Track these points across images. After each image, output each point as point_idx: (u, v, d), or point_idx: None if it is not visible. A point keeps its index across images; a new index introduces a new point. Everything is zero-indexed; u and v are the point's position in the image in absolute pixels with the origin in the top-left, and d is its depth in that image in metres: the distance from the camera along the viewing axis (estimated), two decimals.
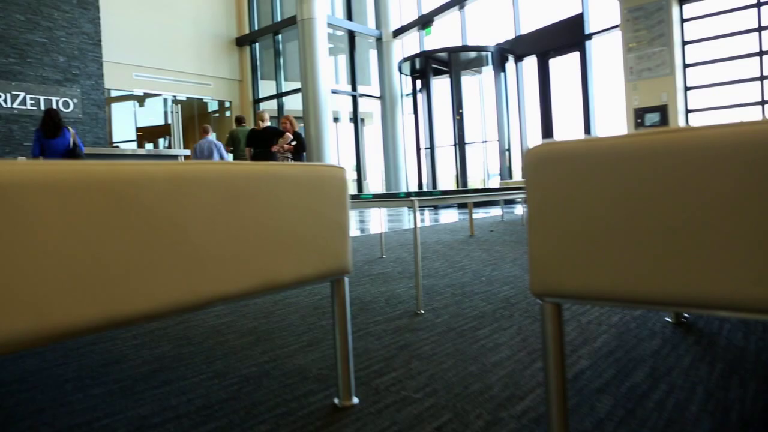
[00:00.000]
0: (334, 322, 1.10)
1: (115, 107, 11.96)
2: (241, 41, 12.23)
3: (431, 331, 1.63)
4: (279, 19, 11.96)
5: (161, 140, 16.24)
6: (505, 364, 1.31)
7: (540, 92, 9.13)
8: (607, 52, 8.53)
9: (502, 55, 9.28)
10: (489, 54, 9.27)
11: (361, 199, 2.09)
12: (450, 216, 7.76)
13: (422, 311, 1.87)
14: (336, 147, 10.75)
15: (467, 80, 9.95)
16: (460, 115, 9.26)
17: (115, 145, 11.75)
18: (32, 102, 8.86)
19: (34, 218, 0.64)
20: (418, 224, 1.91)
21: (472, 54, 9.45)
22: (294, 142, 7.51)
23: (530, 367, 1.28)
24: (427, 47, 11.39)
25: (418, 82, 10.47)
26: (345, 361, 1.10)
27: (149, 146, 16.33)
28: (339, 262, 1.05)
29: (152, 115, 13.98)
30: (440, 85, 9.83)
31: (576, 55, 8.69)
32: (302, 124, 11.75)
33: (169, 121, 12.73)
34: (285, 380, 1.26)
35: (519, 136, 9.51)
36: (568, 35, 8.65)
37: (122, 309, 0.72)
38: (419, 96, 10.47)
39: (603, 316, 1.68)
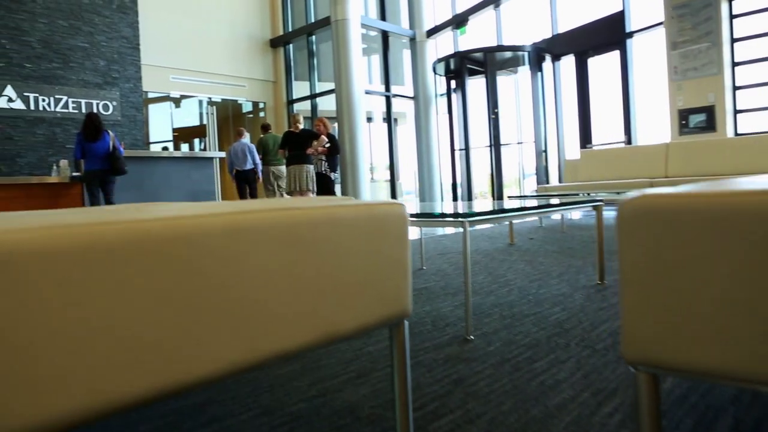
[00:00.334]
0: (393, 371, 1.03)
1: (152, 108, 12.16)
2: (275, 42, 12.30)
3: (484, 362, 1.55)
4: (313, 20, 11.98)
5: (196, 141, 16.50)
6: (569, 407, 1.22)
7: (578, 92, 8.91)
8: (649, 51, 8.28)
9: (539, 54, 9.10)
10: (525, 54, 9.09)
11: (415, 216, 2.03)
12: (478, 203, 7.59)
13: (472, 336, 1.79)
14: (369, 147, 10.71)
15: (503, 80, 9.79)
16: (495, 114, 9.10)
17: (151, 144, 11.93)
18: (74, 105, 9.05)
19: (78, 286, 0.59)
20: (462, 237, 1.83)
21: (508, 54, 9.28)
22: (328, 144, 7.50)
23: (598, 413, 1.19)
24: (462, 47, 11.25)
25: (453, 83, 10.36)
26: (404, 409, 1.04)
27: (185, 147, 16.60)
28: (400, 305, 0.99)
29: (188, 115, 14.17)
30: (475, 85, 9.69)
31: (616, 54, 8.45)
32: (336, 124, 11.76)
33: (205, 122, 12.88)
34: (336, 420, 1.21)
35: (556, 137, 9.31)
36: (608, 34, 8.42)
37: (176, 377, 0.66)
38: (454, 96, 10.36)
39: None
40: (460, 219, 1.77)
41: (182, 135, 14.84)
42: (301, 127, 7.32)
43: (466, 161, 9.37)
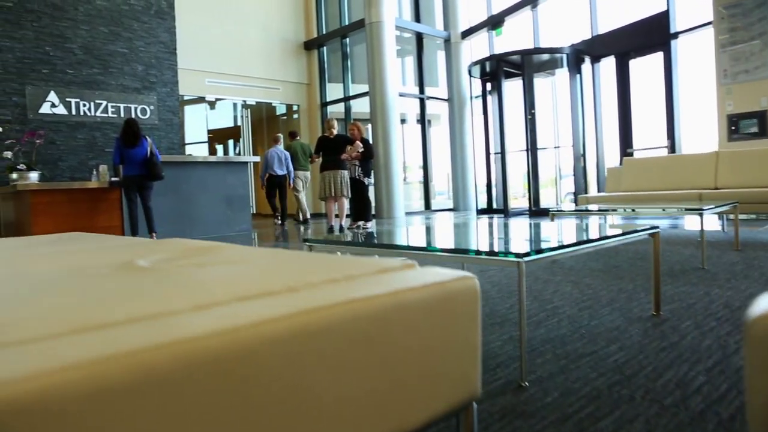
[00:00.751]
0: None
1: (188, 110, 12.32)
2: (309, 45, 12.30)
3: (544, 418, 1.46)
4: (347, 23, 11.94)
5: (230, 142, 16.70)
6: None
7: (618, 95, 8.66)
8: (696, 53, 7.98)
9: (578, 56, 8.87)
10: (564, 56, 8.87)
11: (453, 252, 1.94)
12: (522, 225, 7.43)
13: (526, 383, 1.70)
14: (402, 149, 10.63)
15: (539, 82, 9.58)
16: (532, 114, 8.90)
17: (187, 146, 12.06)
18: (113, 110, 9.21)
19: (134, 424, 0.53)
20: (518, 280, 1.72)
21: (546, 56, 9.08)
22: (362, 149, 7.45)
23: None
24: (498, 48, 11.07)
25: (488, 85, 10.19)
26: None
27: (219, 148, 16.82)
28: (470, 388, 0.91)
29: (223, 117, 14.34)
30: (511, 87, 9.51)
31: (659, 55, 8.18)
32: (369, 125, 11.70)
33: (239, 123, 12.98)
34: None
35: (594, 141, 9.07)
36: (651, 34, 8.15)
37: None
38: (489, 99, 10.19)
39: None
40: (515, 260, 1.65)
41: (217, 136, 15.05)
42: (335, 132, 7.27)
43: (502, 165, 9.20)
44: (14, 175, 6.54)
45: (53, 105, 8.62)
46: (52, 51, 8.62)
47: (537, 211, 8.84)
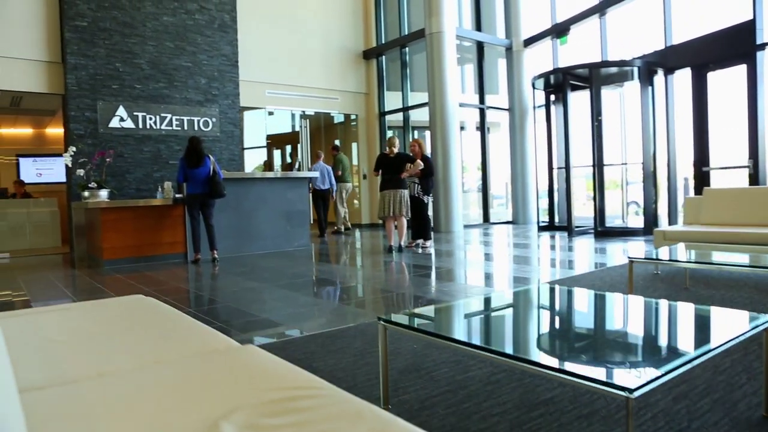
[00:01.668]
0: None
1: (247, 115, 12.48)
2: (368, 54, 12.25)
3: None
4: (406, 32, 11.81)
5: (288, 147, 16.89)
6: None
7: (694, 110, 8.16)
8: None
9: (650, 68, 8.41)
10: (635, 68, 8.44)
11: (544, 368, 1.78)
12: (586, 244, 7.12)
13: None
14: (461, 158, 10.40)
15: (607, 93, 9.16)
16: (599, 121, 8.49)
17: (246, 150, 12.22)
18: (177, 123, 9.43)
19: None
20: (626, 419, 1.54)
21: (615, 68, 8.67)
22: (422, 167, 7.31)
23: None
24: (562, 57, 10.68)
25: (552, 96, 9.84)
26: None
27: (277, 153, 17.05)
28: None
29: (281, 122, 14.47)
30: (577, 99, 9.13)
31: (742, 68, 7.64)
32: (427, 132, 11.53)
33: (297, 129, 13.05)
34: None
35: (666, 158, 8.59)
36: (734, 45, 7.63)
37: None
38: (553, 111, 9.84)
39: None
40: (622, 393, 1.42)
41: (275, 141, 15.22)
42: (396, 150, 7.16)
43: (566, 181, 8.85)
44: (86, 193, 6.76)
45: (122, 119, 8.90)
46: (122, 67, 8.89)
47: (603, 232, 8.45)
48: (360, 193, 12.58)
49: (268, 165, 15.08)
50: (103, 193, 6.89)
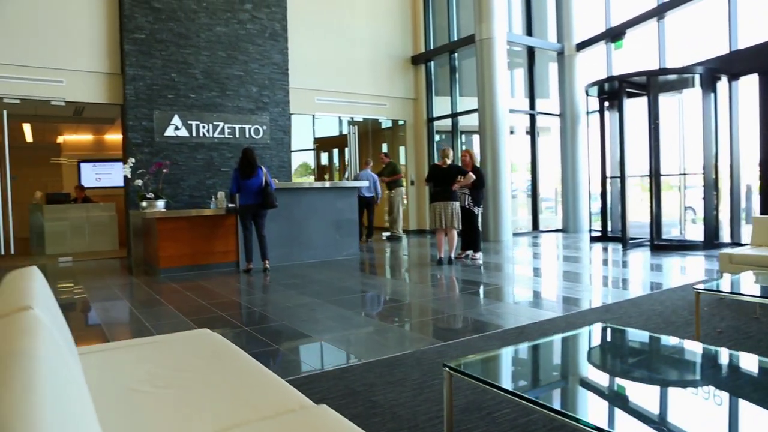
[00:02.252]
0: None
1: (295, 119, 12.60)
2: (417, 60, 12.20)
3: None
4: (455, 38, 11.70)
5: (335, 151, 17.02)
6: None
7: (761, 118, 7.78)
8: None
9: (713, 74, 8.07)
10: (696, 75, 8.11)
11: None
12: (641, 259, 6.87)
13: None
14: (510, 164, 10.21)
15: (664, 100, 8.83)
16: (656, 125, 8.18)
17: (293, 152, 12.37)
18: (229, 131, 9.61)
19: None
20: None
21: (674, 75, 8.35)
22: (474, 179, 7.23)
23: None
24: (616, 61, 10.38)
25: (606, 103, 9.56)
26: None
27: (324, 156, 17.20)
28: None
29: (329, 126, 14.55)
30: (632, 106, 8.84)
31: None
32: (476, 136, 11.41)
33: (344, 132, 13.11)
34: None
35: (729, 169, 8.22)
36: None
37: None
38: (607, 117, 9.56)
39: None
40: None
41: (322, 144, 15.37)
42: (449, 161, 7.10)
43: (621, 191, 8.59)
44: (144, 203, 6.97)
45: (176, 128, 9.13)
46: (177, 77, 9.12)
47: (660, 245, 8.15)
48: (408, 199, 12.54)
49: (323, 170, 15.23)
50: (160, 203, 7.09)
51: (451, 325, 4.15)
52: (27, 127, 12.01)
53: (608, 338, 2.61)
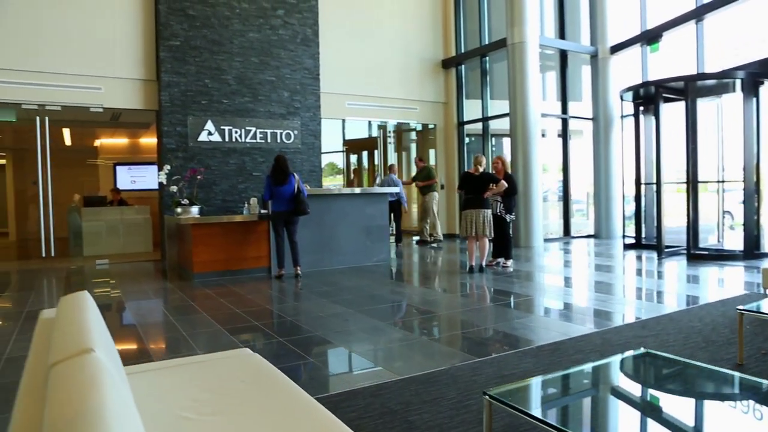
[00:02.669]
0: None
1: (324, 121, 12.68)
2: (447, 63, 12.15)
3: None
4: (487, 42, 11.62)
5: (364, 153, 17.06)
6: None
7: None
8: None
9: (755, 79, 7.84)
10: (737, 80, 7.89)
11: None
12: (677, 269, 6.72)
13: None
14: (541, 168, 10.08)
15: (702, 105, 8.61)
16: (694, 131, 7.98)
17: (323, 154, 12.44)
18: (261, 136, 9.72)
19: None
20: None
21: (713, 80, 8.14)
22: (506, 186, 7.17)
23: None
24: (652, 64, 10.17)
25: (641, 108, 9.37)
26: None
27: (353, 158, 17.26)
28: None
29: (358, 128, 14.60)
30: (668, 111, 8.64)
31: None
32: (506, 139, 11.32)
33: (374, 135, 13.14)
34: None
35: None
36: None
37: None
38: (642, 123, 9.37)
39: None
40: None
41: (351, 147, 15.43)
42: (482, 169, 7.05)
43: (657, 198, 8.41)
44: (179, 209, 7.09)
45: (209, 133, 9.28)
46: (210, 83, 9.27)
47: (696, 255, 7.95)
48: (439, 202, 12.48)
49: (355, 173, 15.27)
50: (194, 209, 7.21)
51: (484, 339, 4.12)
52: (66, 132, 12.34)
53: (652, 367, 2.55)
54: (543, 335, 4.12)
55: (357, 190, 8.53)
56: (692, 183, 8.10)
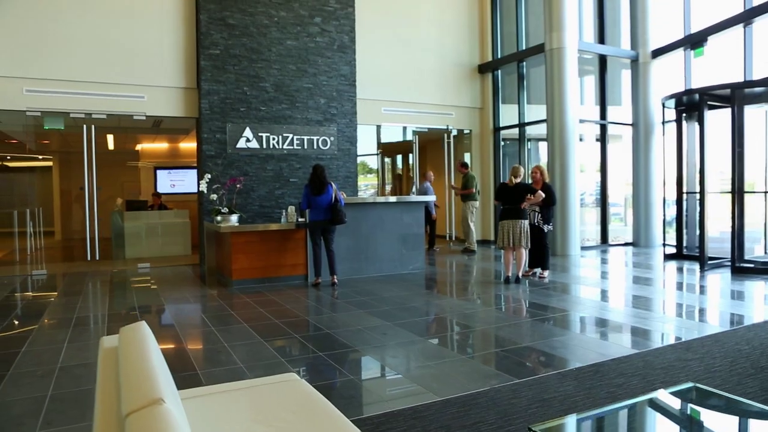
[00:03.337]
0: None
1: (360, 127, 12.74)
2: (483, 68, 12.08)
3: None
4: (524, 47, 11.50)
5: (399, 157, 17.09)
6: None
7: None
8: None
9: None
10: None
11: None
12: (721, 284, 6.55)
13: None
14: (578, 173, 9.93)
15: (749, 112, 8.35)
16: (741, 138, 7.75)
17: (358, 157, 12.48)
18: (298, 142, 9.84)
19: None
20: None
21: (762, 87, 7.89)
22: (543, 197, 7.10)
23: None
24: (695, 69, 9.91)
25: (683, 115, 9.15)
26: None
27: (387, 160, 17.27)
28: None
29: (393, 131, 14.60)
30: (712, 118, 8.42)
31: None
32: (542, 143, 11.19)
33: (409, 138, 13.11)
34: None
35: None
36: None
37: None
38: (684, 128, 9.15)
39: None
40: None
41: (386, 150, 15.45)
42: (519, 180, 7.01)
43: (701, 210, 8.20)
44: (218, 218, 7.24)
45: (248, 140, 9.43)
46: (249, 90, 9.42)
47: (742, 268, 7.73)
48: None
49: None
50: (234, 218, 7.35)
51: (523, 359, 4.10)
52: (110, 137, 12.72)
53: (703, 406, 2.50)
54: (582, 355, 4.08)
55: (392, 199, 8.55)
56: (738, 192, 7.88)
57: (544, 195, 7.01)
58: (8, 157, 15.09)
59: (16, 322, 5.46)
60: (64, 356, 4.19)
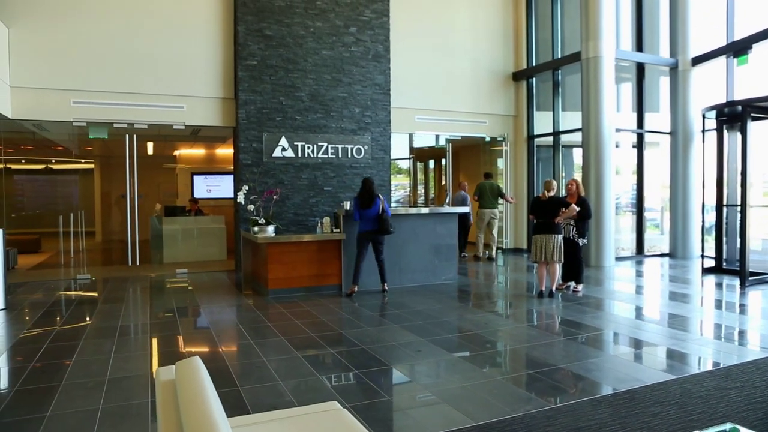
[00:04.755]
0: None
1: (393, 135, 12.80)
2: (518, 76, 12.01)
3: None
4: (559, 55, 11.40)
5: (431, 162, 17.11)
6: None
7: None
8: None
9: None
10: None
11: None
12: (763, 302, 6.41)
13: None
14: (614, 182, 9.79)
15: None
16: None
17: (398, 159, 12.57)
18: (332, 151, 9.96)
19: None
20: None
21: None
22: (578, 210, 7.05)
23: None
24: (739, 78, 9.67)
25: (725, 126, 8.95)
26: None
27: (419, 165, 17.30)
28: None
29: (426, 136, 14.64)
30: (757, 129, 8.22)
31: None
32: (575, 149, 11.08)
33: (441, 144, 13.14)
34: None
35: None
36: None
37: None
38: (725, 139, 8.96)
39: None
40: None
41: (419, 155, 15.50)
42: (553, 193, 6.98)
43: (742, 224, 8.02)
44: (255, 228, 7.41)
45: (283, 149, 9.60)
46: (285, 100, 9.58)
47: None
48: (506, 217, 12.36)
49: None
50: (270, 229, 7.50)
51: (557, 382, 4.10)
52: (149, 144, 13.08)
53: None
54: (617, 379, 4.06)
55: (425, 210, 8.60)
56: None
57: (578, 209, 6.96)
58: (53, 161, 15.64)
59: (66, 331, 5.69)
60: (112, 368, 4.36)
